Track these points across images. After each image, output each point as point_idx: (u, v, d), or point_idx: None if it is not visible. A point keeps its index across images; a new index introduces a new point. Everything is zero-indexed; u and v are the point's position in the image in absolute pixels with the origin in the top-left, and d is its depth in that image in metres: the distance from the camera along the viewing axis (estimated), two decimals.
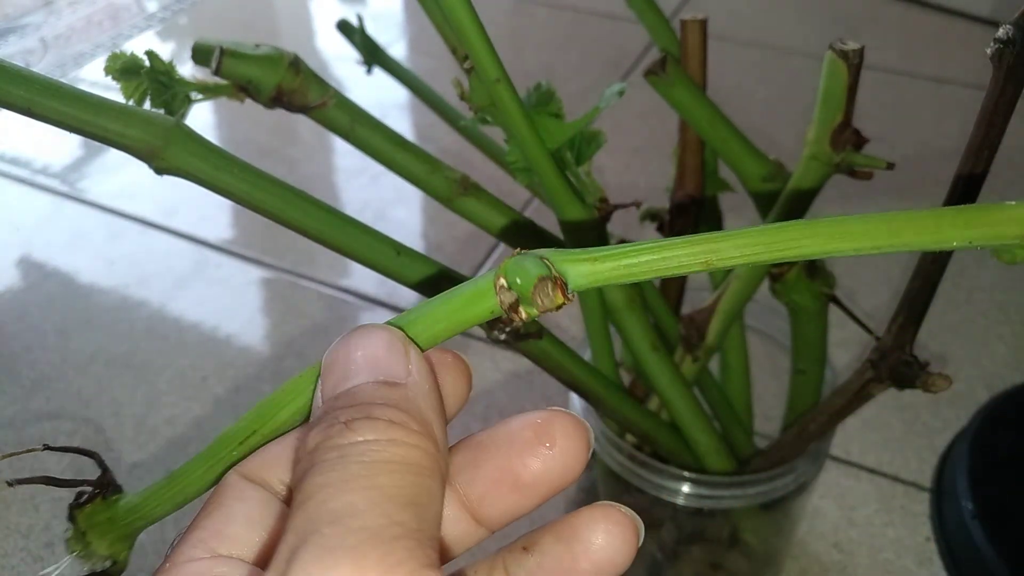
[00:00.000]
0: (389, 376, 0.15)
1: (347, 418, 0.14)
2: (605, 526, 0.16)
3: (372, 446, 0.13)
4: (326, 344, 0.17)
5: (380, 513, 0.13)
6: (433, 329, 0.16)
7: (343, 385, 0.15)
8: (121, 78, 0.24)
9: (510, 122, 0.24)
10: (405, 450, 0.14)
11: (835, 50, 0.26)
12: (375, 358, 0.15)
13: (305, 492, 0.13)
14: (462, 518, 0.17)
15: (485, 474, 0.16)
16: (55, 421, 0.54)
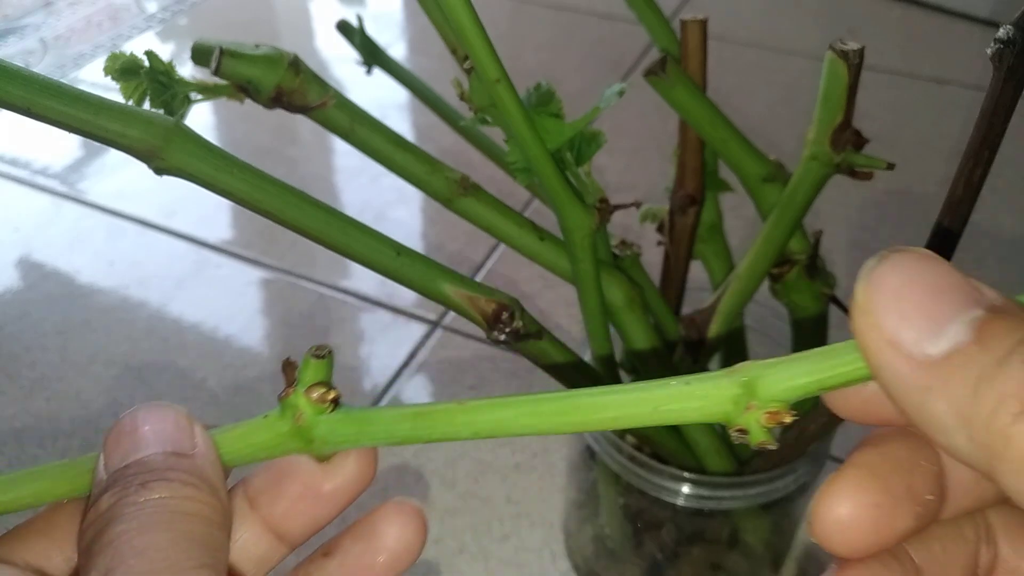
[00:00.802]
0: (178, 448, 0.16)
1: (141, 480, 0.15)
2: (399, 519, 0.18)
3: (168, 501, 0.15)
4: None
5: (180, 549, 0.14)
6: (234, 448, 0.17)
7: (132, 456, 0.16)
8: (120, 78, 0.24)
9: (510, 122, 0.24)
10: (198, 505, 0.15)
11: (835, 50, 0.26)
12: (163, 432, 0.16)
13: (105, 540, 0.14)
14: (264, 538, 0.18)
15: (288, 491, 0.18)
16: (54, 421, 0.54)
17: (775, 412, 0.14)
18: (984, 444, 0.12)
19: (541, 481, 0.50)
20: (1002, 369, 0.11)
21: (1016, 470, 0.11)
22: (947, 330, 0.12)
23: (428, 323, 0.59)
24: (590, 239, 0.28)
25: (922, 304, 0.12)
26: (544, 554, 0.46)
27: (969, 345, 0.12)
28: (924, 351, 0.12)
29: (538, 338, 0.28)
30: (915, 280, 0.12)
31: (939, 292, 0.12)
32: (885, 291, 0.12)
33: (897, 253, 0.13)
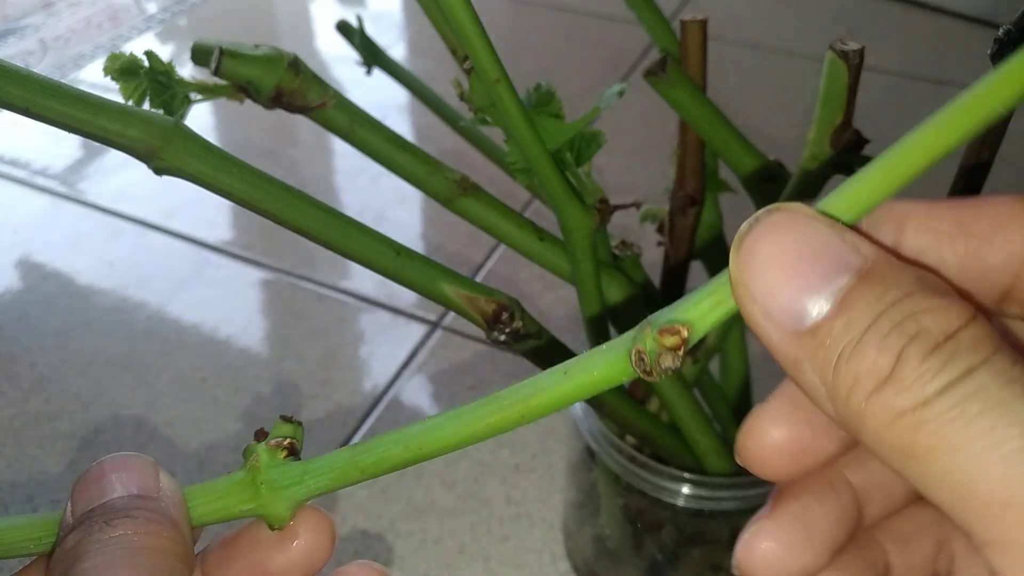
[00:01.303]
0: (143, 491, 0.17)
1: (106, 519, 0.16)
2: None
3: (132, 536, 0.15)
4: (326, 346, 0.17)
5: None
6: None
7: (98, 501, 0.16)
8: (120, 78, 0.24)
9: (510, 122, 0.24)
10: (161, 540, 0.16)
11: (835, 50, 0.26)
12: (129, 478, 0.17)
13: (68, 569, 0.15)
14: None
15: (236, 570, 0.18)
16: (54, 422, 0.54)
17: (668, 328, 0.14)
18: (845, 418, 0.12)
19: (541, 482, 0.49)
20: (858, 348, 0.12)
21: (874, 444, 0.12)
22: (814, 302, 0.12)
23: (428, 324, 0.59)
24: (590, 239, 0.28)
25: (790, 274, 0.12)
26: (544, 555, 0.46)
27: (832, 319, 0.12)
28: (793, 324, 0.12)
29: (538, 338, 0.28)
30: (784, 247, 0.12)
31: (808, 260, 0.12)
32: (756, 261, 0.12)
33: (769, 215, 0.13)
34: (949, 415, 0.11)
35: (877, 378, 0.11)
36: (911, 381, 0.11)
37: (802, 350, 0.12)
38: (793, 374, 0.13)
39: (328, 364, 0.57)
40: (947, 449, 0.11)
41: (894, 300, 0.12)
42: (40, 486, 0.50)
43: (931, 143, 0.12)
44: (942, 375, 0.11)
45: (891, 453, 0.12)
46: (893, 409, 0.11)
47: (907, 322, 0.11)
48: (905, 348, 0.11)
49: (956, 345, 0.11)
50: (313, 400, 0.54)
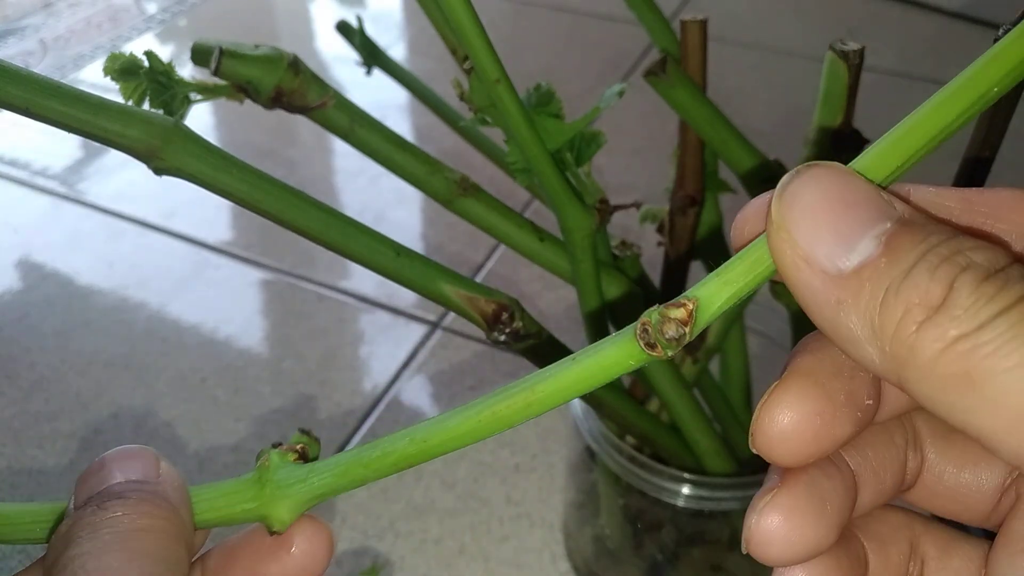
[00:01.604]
0: (141, 477, 0.17)
1: (99, 502, 0.15)
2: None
3: (123, 518, 0.15)
4: (326, 346, 0.17)
5: (135, 568, 0.14)
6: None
7: (97, 489, 0.16)
8: (120, 78, 0.24)
9: (510, 123, 0.24)
10: (153, 520, 0.15)
11: (835, 50, 0.26)
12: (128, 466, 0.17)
13: (60, 565, 0.14)
14: None
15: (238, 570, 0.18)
16: (54, 422, 0.54)
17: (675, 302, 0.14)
18: (892, 354, 0.12)
19: (541, 482, 0.49)
20: (908, 280, 0.12)
21: (922, 377, 0.12)
22: (858, 245, 0.12)
23: (428, 324, 0.59)
24: (590, 239, 0.28)
25: (834, 219, 0.12)
26: (544, 555, 0.46)
27: (878, 258, 0.12)
28: (836, 265, 0.12)
29: (538, 339, 0.28)
30: (827, 195, 0.13)
31: (850, 206, 0.12)
32: (799, 207, 0.13)
33: (811, 168, 0.13)
34: (1006, 336, 0.11)
35: (929, 306, 0.11)
36: (966, 307, 0.11)
37: (846, 290, 0.12)
38: (833, 319, 0.13)
39: (328, 364, 0.57)
40: (1006, 368, 0.11)
41: (939, 240, 0.12)
42: (40, 486, 0.50)
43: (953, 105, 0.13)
44: (997, 301, 0.11)
45: (942, 384, 0.11)
46: (948, 336, 0.11)
47: (957, 256, 0.12)
48: (958, 277, 0.11)
49: (1006, 276, 0.11)
50: (313, 400, 0.54)
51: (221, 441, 0.52)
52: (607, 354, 0.14)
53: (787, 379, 0.14)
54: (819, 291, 0.13)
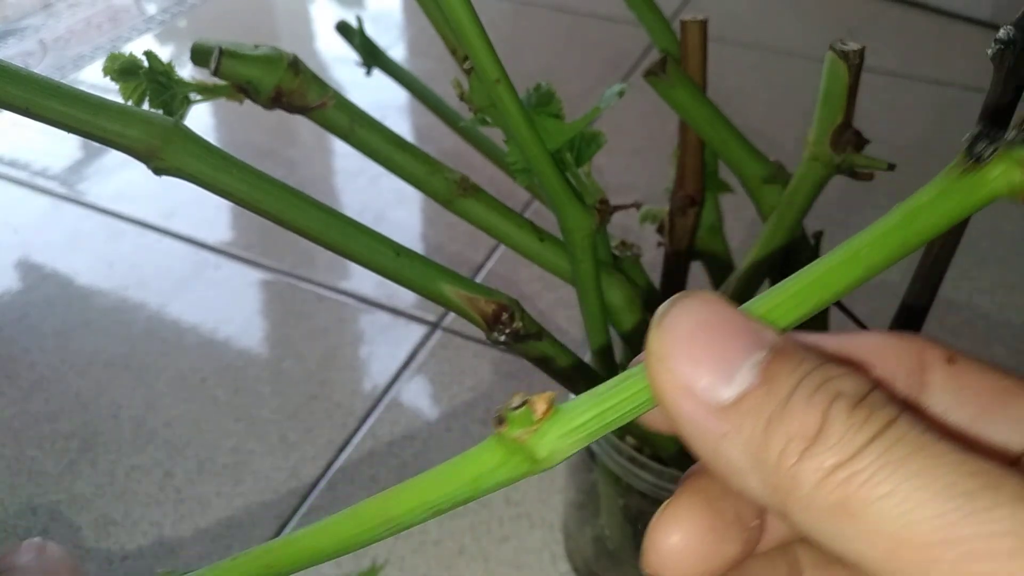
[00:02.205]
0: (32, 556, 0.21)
1: None
2: None
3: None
4: (325, 346, 0.17)
5: None
6: None
7: None
8: (120, 79, 0.24)
9: (510, 123, 0.24)
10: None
11: (836, 50, 0.26)
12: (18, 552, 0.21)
13: None
14: None
15: None
16: (54, 423, 0.54)
17: (540, 395, 0.13)
18: (775, 485, 0.12)
19: (540, 482, 0.49)
20: (786, 410, 0.12)
21: (803, 507, 0.12)
22: (736, 375, 0.12)
23: (428, 324, 0.59)
24: (590, 240, 0.28)
25: (712, 349, 0.13)
26: (544, 556, 0.46)
27: (756, 388, 0.12)
28: (717, 397, 0.12)
29: (538, 339, 0.28)
30: (705, 325, 0.13)
31: (727, 336, 0.13)
32: (677, 337, 0.13)
33: (686, 297, 0.13)
34: (879, 462, 0.11)
35: (807, 437, 0.12)
36: (840, 435, 0.12)
37: (727, 423, 0.12)
38: (715, 451, 0.13)
39: (328, 365, 0.57)
40: (879, 496, 0.11)
41: (811, 368, 0.12)
42: (39, 487, 0.50)
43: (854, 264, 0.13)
44: (867, 427, 0.12)
45: (822, 514, 0.12)
46: (825, 465, 0.12)
47: (828, 384, 0.12)
48: (831, 406, 0.12)
49: (873, 402, 0.12)
50: (313, 401, 0.54)
51: (221, 441, 0.52)
52: (468, 457, 0.14)
53: (678, 498, 0.15)
54: (702, 423, 0.13)
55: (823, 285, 0.13)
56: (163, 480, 0.51)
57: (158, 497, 0.50)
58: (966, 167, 0.13)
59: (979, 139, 0.13)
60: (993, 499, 0.11)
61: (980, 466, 0.11)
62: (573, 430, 0.13)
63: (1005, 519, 0.10)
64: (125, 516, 0.49)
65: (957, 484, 0.11)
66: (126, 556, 0.47)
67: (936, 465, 0.11)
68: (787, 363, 0.12)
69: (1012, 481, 0.11)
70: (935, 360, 0.15)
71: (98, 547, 0.47)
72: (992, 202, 0.13)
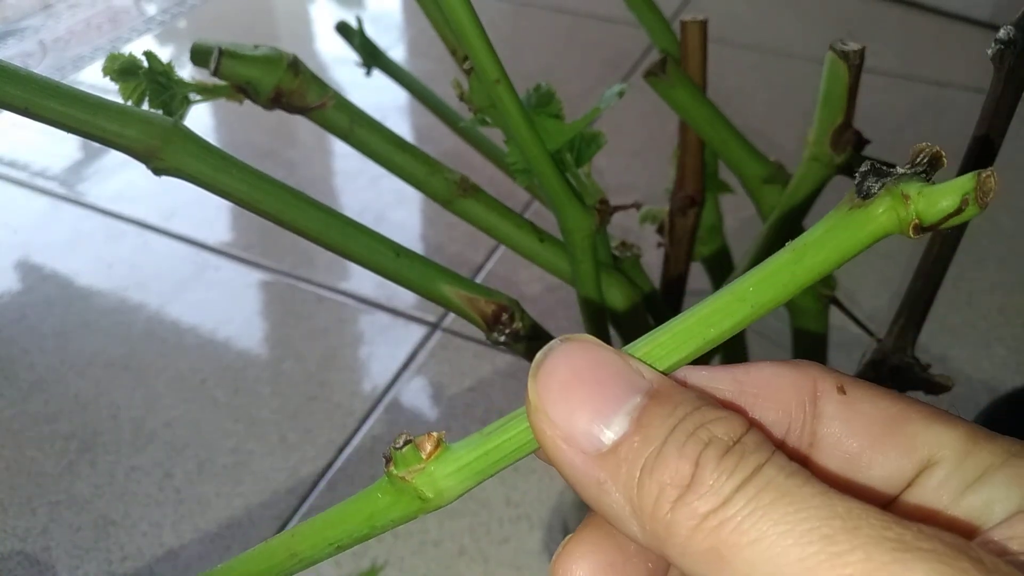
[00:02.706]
0: None
1: None
2: None
3: None
4: (325, 347, 0.17)
5: None
6: None
7: None
8: (119, 79, 0.24)
9: (510, 123, 0.24)
10: None
11: (836, 51, 0.26)
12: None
13: None
14: None
15: None
16: (53, 424, 0.54)
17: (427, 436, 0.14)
18: (652, 532, 0.12)
19: (541, 483, 0.49)
20: (659, 459, 0.12)
21: (680, 553, 0.12)
22: (612, 422, 0.13)
23: (427, 325, 0.59)
24: (590, 240, 0.28)
25: (586, 397, 0.13)
26: (544, 557, 0.46)
27: (631, 436, 0.12)
28: (593, 446, 0.13)
29: (537, 340, 0.28)
30: (579, 373, 0.13)
31: (601, 383, 0.13)
32: (553, 387, 0.13)
33: (562, 344, 0.13)
34: (747, 509, 0.11)
35: (680, 485, 0.12)
36: (711, 483, 0.12)
37: (604, 470, 0.13)
38: (596, 498, 0.13)
39: (327, 365, 0.57)
40: (749, 542, 0.11)
41: (684, 414, 0.13)
42: (38, 487, 0.50)
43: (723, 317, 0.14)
44: (737, 474, 0.12)
45: (698, 560, 0.12)
46: (697, 512, 0.12)
47: (700, 431, 0.12)
48: (702, 454, 0.12)
49: (743, 447, 0.12)
50: (312, 401, 0.54)
51: (220, 442, 0.52)
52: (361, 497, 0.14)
53: (580, 532, 0.15)
54: (581, 471, 0.13)
55: (708, 324, 0.14)
56: (163, 481, 0.50)
57: (158, 498, 0.50)
58: (854, 204, 0.13)
59: (867, 176, 0.13)
60: (850, 542, 0.11)
61: (843, 508, 0.11)
62: (460, 469, 0.14)
63: (859, 562, 0.11)
64: (125, 516, 0.49)
65: (818, 528, 0.11)
66: (126, 556, 0.47)
67: (799, 510, 0.11)
68: (662, 409, 0.13)
69: (870, 522, 0.11)
70: (827, 389, 0.15)
71: (98, 547, 0.47)
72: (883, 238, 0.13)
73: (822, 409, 0.15)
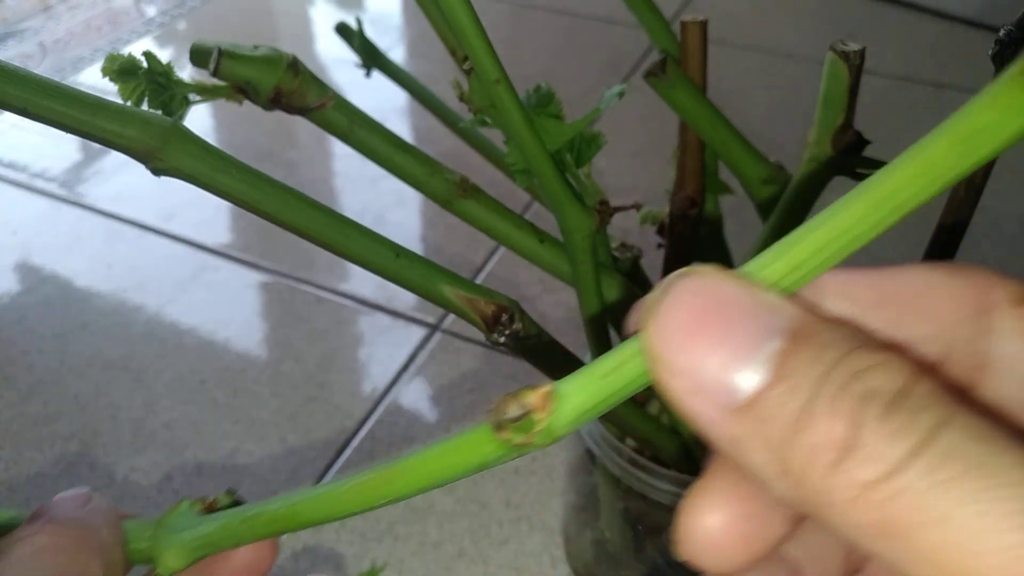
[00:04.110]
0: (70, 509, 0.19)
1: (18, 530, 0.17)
2: None
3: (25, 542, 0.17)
4: (325, 348, 0.17)
5: None
6: None
7: None
8: (119, 79, 0.24)
9: (510, 123, 0.24)
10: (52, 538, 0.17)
11: (836, 51, 0.26)
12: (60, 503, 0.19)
13: None
14: None
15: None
16: (52, 425, 0.54)
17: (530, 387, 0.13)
18: (804, 497, 0.11)
19: (540, 485, 0.49)
20: (808, 415, 0.10)
21: (841, 522, 0.10)
22: (746, 372, 0.11)
23: (427, 326, 0.59)
24: (590, 241, 0.28)
25: (717, 343, 0.11)
26: (543, 559, 0.46)
27: (772, 387, 0.11)
28: (727, 399, 0.11)
29: (538, 340, 0.28)
30: (704, 313, 0.11)
31: (733, 324, 0.11)
32: (674, 333, 0.11)
33: (680, 280, 0.11)
34: (924, 482, 0.10)
35: (836, 448, 0.10)
36: (875, 447, 0.10)
37: (742, 427, 0.11)
38: (734, 454, 0.11)
39: (327, 367, 0.57)
40: (932, 522, 0.09)
41: (834, 359, 0.11)
42: (38, 489, 0.50)
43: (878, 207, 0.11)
44: (908, 436, 0.10)
45: (864, 532, 0.10)
46: (859, 481, 0.10)
47: (855, 382, 0.10)
48: (860, 410, 0.10)
49: (913, 403, 0.10)
50: (312, 403, 0.54)
51: (220, 443, 0.52)
52: (463, 442, 0.14)
53: (710, 477, 0.13)
54: (717, 427, 0.11)
55: (853, 236, 0.11)
56: (162, 482, 0.50)
57: (157, 499, 0.49)
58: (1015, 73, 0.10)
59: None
60: None
61: None
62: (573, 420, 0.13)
63: None
64: None
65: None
66: None
67: (995, 486, 0.09)
68: (807, 353, 0.11)
69: None
70: (1001, 301, 0.12)
71: None
72: None
73: (995, 325, 0.12)
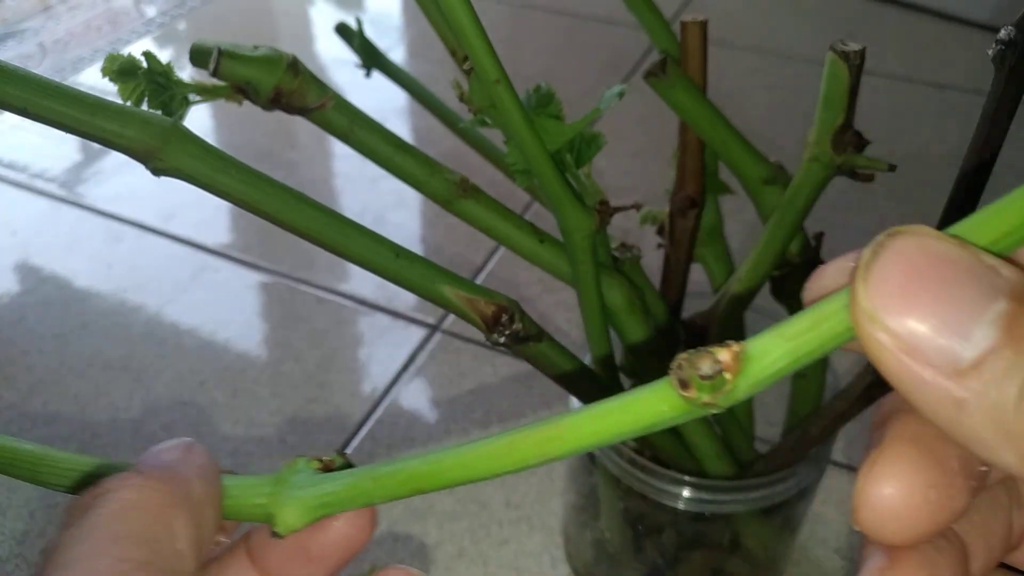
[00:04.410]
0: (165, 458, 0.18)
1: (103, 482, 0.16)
2: None
3: (108, 497, 0.16)
4: (325, 349, 0.17)
5: (107, 554, 0.15)
6: None
7: None
8: (118, 79, 0.24)
9: (510, 123, 0.24)
10: (139, 493, 0.16)
11: (836, 51, 0.26)
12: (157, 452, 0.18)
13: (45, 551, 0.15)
14: None
15: (279, 551, 0.18)
16: (52, 425, 0.53)
17: (719, 344, 0.12)
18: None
19: (540, 485, 0.49)
20: None
21: None
22: (971, 333, 0.10)
23: (427, 327, 0.59)
24: (590, 241, 0.28)
25: (936, 304, 0.10)
26: (543, 559, 0.46)
27: (1000, 348, 0.10)
28: (949, 360, 0.10)
29: (538, 340, 0.28)
30: (922, 274, 0.11)
31: (953, 283, 0.10)
32: (890, 292, 0.11)
33: (895, 240, 0.11)
34: None
35: None
36: None
37: (965, 389, 0.10)
38: (952, 420, 0.11)
39: (327, 367, 0.57)
40: None
41: None
42: (37, 489, 0.50)
43: None
44: None
45: None
46: None
47: None
48: None
49: None
50: (312, 403, 0.54)
51: (219, 444, 0.52)
52: (640, 399, 0.13)
53: (890, 446, 0.12)
54: (933, 390, 0.11)
55: None
56: None
57: None
58: None
59: None
60: None
61: None
62: (759, 382, 0.12)
63: None
64: None
65: None
66: None
67: None
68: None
69: None
70: None
71: None
72: None
73: None
